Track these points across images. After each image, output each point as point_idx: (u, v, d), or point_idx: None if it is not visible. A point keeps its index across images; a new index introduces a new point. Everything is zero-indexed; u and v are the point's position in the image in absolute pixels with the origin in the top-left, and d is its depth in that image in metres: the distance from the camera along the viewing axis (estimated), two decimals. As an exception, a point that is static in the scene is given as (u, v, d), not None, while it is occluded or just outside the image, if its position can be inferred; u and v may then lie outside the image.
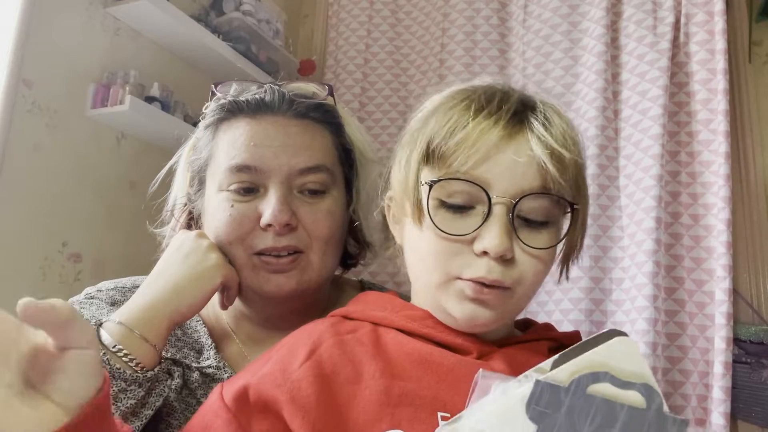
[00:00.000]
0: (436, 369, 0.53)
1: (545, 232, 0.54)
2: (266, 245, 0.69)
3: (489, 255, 0.51)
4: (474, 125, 0.52)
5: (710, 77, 1.41)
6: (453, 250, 0.53)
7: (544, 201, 0.52)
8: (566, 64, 1.61)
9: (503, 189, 0.51)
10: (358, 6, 1.96)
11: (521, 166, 0.51)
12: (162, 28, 1.55)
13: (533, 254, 0.53)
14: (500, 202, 0.51)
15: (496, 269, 0.52)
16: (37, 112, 1.31)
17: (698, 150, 1.42)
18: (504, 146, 0.51)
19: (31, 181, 1.29)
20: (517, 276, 0.53)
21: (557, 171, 0.51)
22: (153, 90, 1.49)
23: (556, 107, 0.56)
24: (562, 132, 0.52)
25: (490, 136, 0.51)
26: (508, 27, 1.77)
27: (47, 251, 1.33)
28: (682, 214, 1.41)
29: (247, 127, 0.70)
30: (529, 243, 0.52)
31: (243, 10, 1.74)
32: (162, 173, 0.82)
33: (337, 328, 0.57)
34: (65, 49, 1.37)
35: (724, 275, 1.29)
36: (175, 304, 0.64)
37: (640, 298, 1.34)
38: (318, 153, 0.71)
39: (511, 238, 0.51)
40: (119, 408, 0.57)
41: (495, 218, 0.51)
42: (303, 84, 0.77)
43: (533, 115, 0.53)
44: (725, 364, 1.25)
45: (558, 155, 0.51)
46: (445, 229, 0.52)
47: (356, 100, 1.85)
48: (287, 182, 0.69)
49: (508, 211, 0.51)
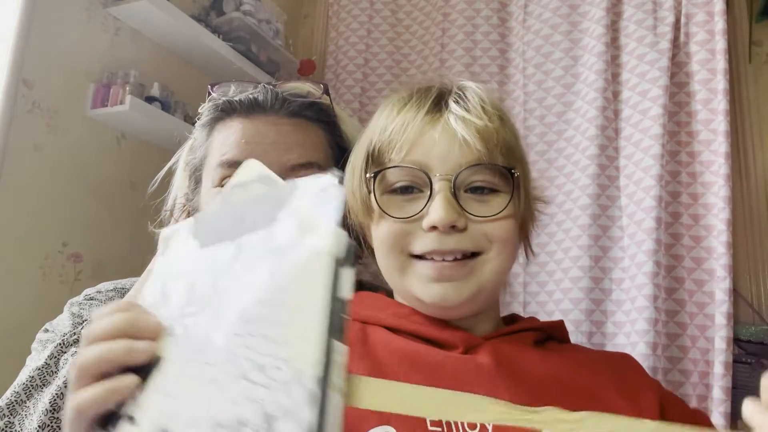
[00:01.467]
0: (423, 366, 0.54)
1: (494, 201, 0.57)
2: None
3: (438, 229, 0.54)
4: (400, 118, 0.58)
5: (710, 77, 1.41)
6: (406, 231, 0.56)
7: (482, 173, 0.56)
8: (566, 64, 1.61)
9: (442, 168, 0.55)
10: (358, 6, 1.96)
11: (450, 144, 0.56)
12: (162, 28, 1.55)
13: (487, 221, 0.56)
14: (441, 179, 0.55)
15: (449, 240, 0.55)
16: (37, 112, 1.31)
17: (698, 150, 1.42)
18: (430, 129, 0.56)
19: (31, 181, 1.29)
20: (476, 241, 0.56)
21: (480, 141, 0.55)
22: (153, 90, 1.49)
23: (474, 86, 0.60)
24: (475, 105, 0.57)
25: (415, 123, 0.57)
26: (508, 27, 1.77)
27: (47, 251, 1.33)
28: (682, 214, 1.41)
29: (240, 126, 0.72)
30: (477, 212, 0.55)
31: (243, 10, 1.74)
32: (161, 173, 0.82)
33: None
34: (65, 49, 1.37)
35: (725, 275, 1.29)
36: None
37: (640, 298, 1.34)
38: (310, 150, 0.72)
39: (457, 211, 0.55)
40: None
41: (438, 195, 0.55)
42: (299, 83, 0.78)
43: (450, 97, 0.59)
44: (725, 364, 1.25)
45: (476, 126, 0.55)
46: (395, 213, 0.56)
47: (356, 100, 1.85)
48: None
49: (450, 187, 0.55)
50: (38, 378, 0.57)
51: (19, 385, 0.57)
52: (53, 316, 0.74)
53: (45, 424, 0.54)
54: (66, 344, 0.59)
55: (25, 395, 0.57)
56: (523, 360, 0.56)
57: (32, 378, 0.57)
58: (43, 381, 0.57)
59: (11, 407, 0.56)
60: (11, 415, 0.56)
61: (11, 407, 0.56)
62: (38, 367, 0.58)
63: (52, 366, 0.58)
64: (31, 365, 0.59)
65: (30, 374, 0.58)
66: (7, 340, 1.15)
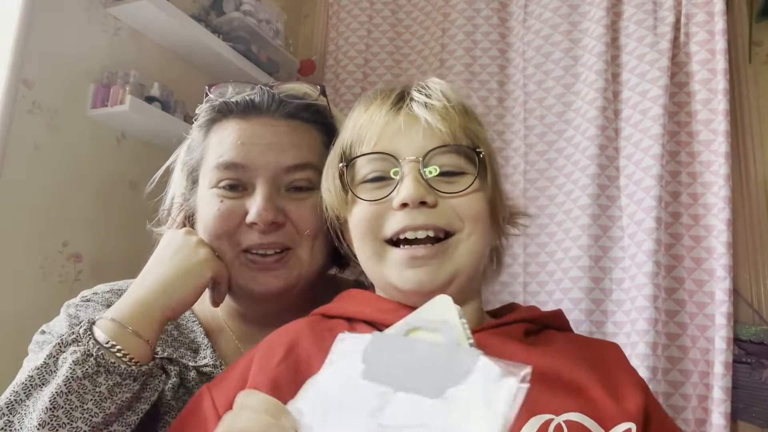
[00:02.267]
0: None
1: (461, 181, 0.59)
2: (252, 242, 0.70)
3: (408, 206, 0.56)
4: (368, 114, 0.61)
5: (710, 77, 1.41)
6: (378, 213, 0.58)
7: (449, 155, 0.59)
8: (566, 64, 1.62)
9: (409, 152, 0.58)
10: (358, 6, 1.96)
11: (415, 129, 0.58)
12: (162, 28, 1.55)
13: (455, 197, 0.58)
14: (409, 161, 0.58)
15: (419, 216, 0.57)
16: (37, 112, 1.31)
17: (698, 150, 1.42)
18: (395, 119, 0.59)
19: (31, 181, 1.29)
20: (447, 218, 0.57)
21: (442, 122, 0.58)
22: (153, 90, 1.49)
23: (436, 79, 0.63)
24: (436, 91, 0.60)
25: (381, 114, 0.60)
26: (508, 27, 1.77)
27: (47, 251, 1.33)
28: (682, 214, 1.41)
29: (236, 127, 0.72)
30: (446, 190, 0.58)
31: (243, 10, 1.74)
32: (159, 172, 0.82)
33: (314, 327, 0.60)
34: (65, 49, 1.37)
35: (725, 275, 1.29)
36: (166, 299, 0.65)
37: (640, 298, 1.34)
38: (305, 151, 0.73)
39: (425, 187, 0.57)
40: (115, 402, 0.58)
41: (407, 175, 0.57)
42: (296, 84, 0.78)
43: (413, 89, 0.62)
44: (725, 364, 1.25)
45: (437, 109, 0.58)
46: (367, 197, 0.59)
47: (356, 100, 1.85)
48: (274, 180, 0.70)
49: (418, 167, 0.57)
50: (38, 377, 0.57)
51: (18, 385, 0.57)
52: (53, 316, 0.74)
53: (45, 422, 0.54)
54: (65, 344, 0.59)
55: (24, 394, 0.57)
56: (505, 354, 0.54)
57: (32, 377, 0.57)
58: (43, 380, 0.57)
59: (11, 406, 0.56)
60: (11, 414, 0.56)
61: (11, 406, 0.56)
62: (37, 366, 0.58)
63: (51, 365, 0.58)
64: (30, 365, 0.59)
65: (29, 374, 0.58)
66: (7, 340, 1.15)
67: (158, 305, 0.64)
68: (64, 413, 0.55)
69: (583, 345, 0.63)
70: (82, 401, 0.56)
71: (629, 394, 0.57)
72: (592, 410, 0.52)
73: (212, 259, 0.69)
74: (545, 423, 0.50)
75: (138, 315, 0.62)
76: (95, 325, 0.61)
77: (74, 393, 0.56)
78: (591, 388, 0.54)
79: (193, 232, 0.72)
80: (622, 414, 0.53)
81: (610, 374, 0.58)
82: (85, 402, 0.56)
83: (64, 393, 0.56)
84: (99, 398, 0.57)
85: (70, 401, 0.56)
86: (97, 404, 0.57)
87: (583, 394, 0.54)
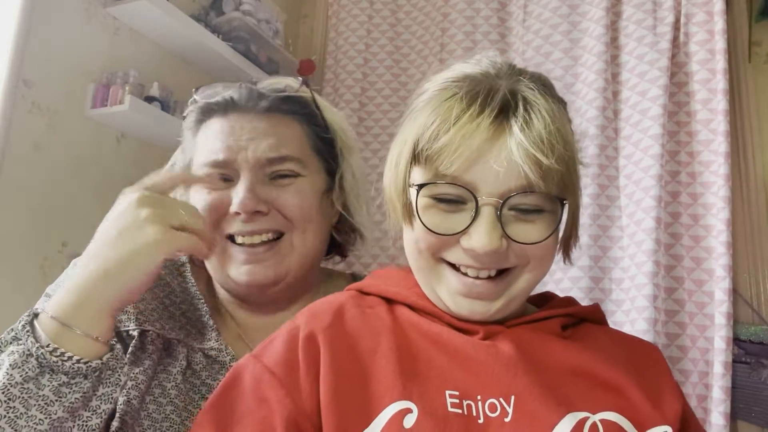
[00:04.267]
0: (446, 348, 0.54)
1: (539, 220, 0.54)
2: (236, 229, 0.71)
3: (476, 252, 0.52)
4: (455, 130, 0.52)
5: (710, 77, 1.41)
6: (443, 243, 0.54)
7: (531, 197, 0.53)
8: (566, 64, 1.61)
9: (489, 190, 0.52)
10: (357, 6, 1.96)
11: (506, 171, 0.51)
12: (162, 28, 1.55)
13: (530, 246, 0.53)
14: (487, 203, 0.52)
15: (487, 261, 0.53)
16: (37, 112, 1.31)
17: (698, 150, 1.42)
18: (485, 151, 0.51)
19: (31, 181, 1.29)
20: (514, 261, 0.54)
21: (537, 176, 0.51)
22: (153, 90, 1.49)
23: (541, 103, 0.54)
24: (540, 136, 0.51)
25: (471, 141, 0.51)
26: (507, 27, 1.77)
27: (47, 251, 1.33)
28: (681, 214, 1.41)
29: (218, 126, 0.74)
30: (520, 239, 0.53)
31: (243, 10, 1.74)
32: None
33: (357, 302, 0.59)
34: (65, 49, 1.37)
35: (724, 275, 1.29)
36: (110, 293, 0.58)
37: (640, 298, 1.34)
38: (285, 144, 0.74)
39: (500, 236, 0.52)
40: (63, 404, 0.53)
41: (482, 218, 0.52)
42: (280, 78, 0.80)
43: (514, 116, 0.52)
44: (725, 364, 1.25)
45: (537, 161, 0.50)
46: (435, 228, 0.54)
47: (356, 100, 1.85)
48: (256, 171, 0.72)
49: (496, 210, 0.52)
50: None
51: None
52: (53, 316, 0.75)
53: None
54: (3, 343, 0.58)
55: None
56: (544, 350, 0.55)
57: None
58: None
59: None
60: None
61: None
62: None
63: None
64: None
65: None
66: (7, 340, 1.15)
67: (104, 298, 0.58)
68: (6, 422, 0.50)
69: (622, 343, 0.62)
70: (26, 407, 0.52)
71: (667, 398, 0.56)
72: (628, 411, 0.52)
73: (164, 240, 0.60)
74: (581, 421, 0.49)
75: (83, 309, 0.57)
76: (36, 320, 0.57)
77: (17, 400, 0.52)
78: (628, 389, 0.54)
79: (147, 199, 0.63)
80: (659, 417, 0.52)
81: (648, 377, 0.57)
82: (29, 408, 0.52)
83: (3, 402, 0.51)
84: (44, 402, 0.52)
85: (12, 409, 0.51)
86: (42, 409, 0.52)
87: (621, 393, 0.53)
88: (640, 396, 0.53)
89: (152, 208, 0.62)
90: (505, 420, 0.49)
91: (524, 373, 0.52)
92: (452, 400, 0.49)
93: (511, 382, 0.51)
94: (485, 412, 0.49)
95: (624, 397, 0.53)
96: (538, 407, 0.49)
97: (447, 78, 0.58)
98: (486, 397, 0.50)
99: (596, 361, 0.56)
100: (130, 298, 0.61)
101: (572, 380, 0.54)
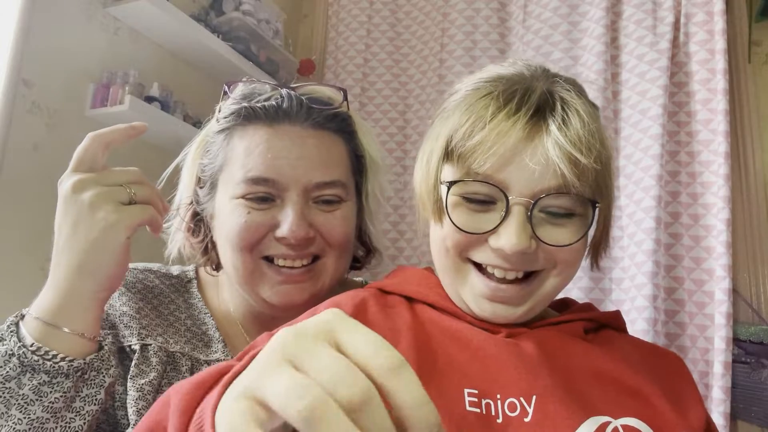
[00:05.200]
0: (466, 346, 0.53)
1: (569, 224, 0.53)
2: (279, 252, 0.68)
3: (505, 251, 0.51)
4: (491, 128, 0.51)
5: (710, 77, 1.41)
6: (471, 241, 0.53)
7: (563, 199, 0.52)
8: (566, 64, 1.61)
9: (521, 190, 0.51)
10: (357, 6, 1.96)
11: (540, 170, 0.50)
12: (161, 28, 1.55)
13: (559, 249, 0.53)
14: (518, 202, 0.51)
15: (515, 261, 0.52)
16: (37, 112, 1.31)
17: (698, 150, 1.42)
18: (521, 149, 0.51)
19: (31, 181, 1.29)
20: (542, 263, 0.53)
21: (574, 175, 0.50)
22: (153, 90, 1.49)
23: (578, 104, 0.53)
24: (579, 135, 0.51)
25: (507, 139, 0.50)
26: (507, 27, 1.77)
27: (47, 251, 1.32)
28: (681, 214, 1.41)
29: (265, 137, 0.69)
30: (550, 241, 0.52)
31: (243, 9, 1.74)
32: (168, 171, 0.81)
33: (379, 299, 0.58)
34: (65, 49, 1.37)
35: (724, 275, 1.29)
36: (89, 285, 0.58)
37: (640, 298, 1.34)
38: (334, 168, 0.71)
39: (529, 236, 0.51)
40: (42, 404, 0.52)
41: (513, 218, 0.51)
42: (318, 87, 0.75)
43: (552, 115, 0.52)
44: (725, 364, 1.25)
45: (574, 160, 0.50)
46: (464, 226, 0.53)
47: (356, 100, 1.85)
48: (304, 194, 0.69)
49: (527, 210, 0.51)
50: None
51: None
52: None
53: None
54: None
55: None
56: (566, 351, 0.54)
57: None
58: None
59: None
60: None
61: None
62: None
63: None
64: None
65: None
66: (7, 340, 1.15)
67: (85, 292, 0.57)
68: None
69: (645, 351, 0.61)
70: (7, 406, 0.51)
71: (692, 407, 0.55)
72: (651, 418, 0.51)
73: (118, 220, 0.58)
74: (602, 425, 0.49)
75: (65, 308, 0.56)
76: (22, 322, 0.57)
77: None
78: (652, 396, 0.53)
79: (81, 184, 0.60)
80: (684, 425, 0.51)
81: (672, 385, 0.57)
82: (10, 407, 0.51)
83: None
84: (24, 402, 0.52)
85: None
86: (22, 409, 0.52)
87: (644, 400, 0.53)
88: (664, 403, 0.52)
89: (92, 189, 0.59)
90: (525, 420, 0.48)
91: (547, 374, 0.51)
92: (470, 399, 0.49)
93: (533, 382, 0.50)
94: (504, 412, 0.48)
95: (648, 404, 0.52)
96: (559, 408, 0.49)
97: (481, 78, 0.58)
98: (506, 396, 0.49)
99: (619, 366, 0.55)
100: (113, 284, 0.60)
101: (595, 384, 0.53)
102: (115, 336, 0.67)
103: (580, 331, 0.58)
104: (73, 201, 0.60)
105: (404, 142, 1.83)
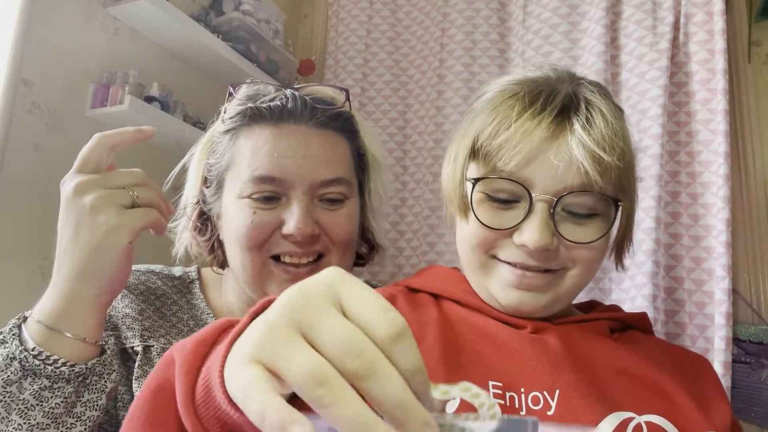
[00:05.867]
0: (492, 341, 0.54)
1: (591, 223, 0.54)
2: (285, 249, 0.70)
3: (528, 247, 0.52)
4: (516, 127, 0.52)
5: (710, 77, 1.41)
6: (495, 238, 0.55)
7: (586, 197, 0.53)
8: (566, 64, 1.61)
9: (544, 187, 0.52)
10: (357, 6, 1.96)
11: (564, 167, 0.51)
12: (161, 28, 1.55)
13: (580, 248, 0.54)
14: (541, 199, 0.52)
15: (537, 258, 0.53)
16: (37, 112, 1.31)
17: (698, 150, 1.42)
18: (545, 147, 0.52)
19: (31, 181, 1.29)
20: (564, 262, 0.54)
21: (597, 173, 0.51)
22: (152, 90, 1.49)
23: (602, 105, 0.54)
24: (602, 134, 0.52)
25: (532, 138, 0.52)
26: (507, 27, 1.77)
27: (47, 251, 1.32)
28: (681, 214, 1.41)
29: (271, 136, 0.70)
30: (571, 238, 0.53)
31: (242, 10, 1.74)
32: (175, 172, 0.82)
33: (407, 296, 0.59)
34: (65, 49, 1.37)
35: (724, 275, 1.29)
36: (91, 290, 0.57)
37: (640, 298, 1.34)
38: (338, 166, 0.72)
39: (551, 233, 0.52)
40: (43, 409, 0.52)
41: (536, 214, 0.52)
42: (320, 87, 0.76)
43: (576, 115, 0.53)
44: (725, 364, 1.25)
45: (597, 158, 0.51)
46: (488, 222, 0.54)
47: (356, 100, 1.85)
48: (309, 192, 0.70)
49: (550, 207, 0.52)
50: None
51: None
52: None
53: None
54: None
55: None
56: (591, 348, 0.55)
57: None
58: None
59: None
60: None
61: None
62: None
63: None
64: None
65: None
66: (7, 340, 1.15)
67: (86, 296, 0.57)
68: None
69: (672, 352, 0.62)
70: (8, 411, 0.51)
71: (717, 407, 0.56)
72: (675, 416, 0.51)
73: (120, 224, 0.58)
74: (625, 420, 0.50)
75: (67, 312, 0.56)
76: (24, 325, 0.56)
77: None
78: (677, 395, 0.53)
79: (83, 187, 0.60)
80: (708, 424, 0.52)
81: (698, 385, 0.57)
82: (10, 412, 0.51)
83: None
84: (24, 407, 0.51)
85: None
86: (22, 414, 0.51)
87: (669, 399, 0.53)
88: (689, 402, 0.53)
89: (94, 192, 0.59)
90: (548, 413, 0.49)
91: (570, 369, 0.52)
92: (495, 391, 0.50)
93: (556, 376, 0.51)
94: (528, 405, 0.49)
95: (672, 402, 0.53)
96: (582, 403, 0.50)
97: (508, 80, 0.60)
98: (530, 389, 0.50)
99: (644, 364, 0.55)
100: (115, 288, 0.60)
101: (619, 381, 0.54)
102: (118, 338, 0.68)
103: (605, 329, 0.59)
104: (75, 204, 0.60)
105: (404, 142, 1.83)
